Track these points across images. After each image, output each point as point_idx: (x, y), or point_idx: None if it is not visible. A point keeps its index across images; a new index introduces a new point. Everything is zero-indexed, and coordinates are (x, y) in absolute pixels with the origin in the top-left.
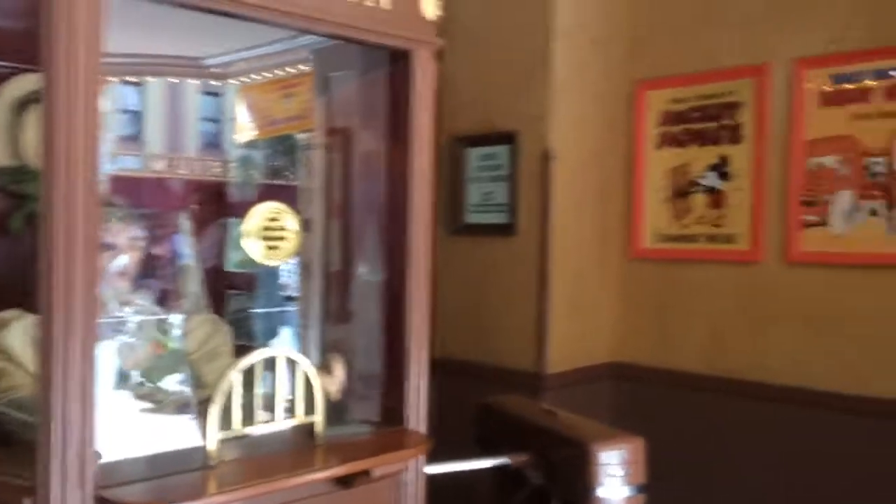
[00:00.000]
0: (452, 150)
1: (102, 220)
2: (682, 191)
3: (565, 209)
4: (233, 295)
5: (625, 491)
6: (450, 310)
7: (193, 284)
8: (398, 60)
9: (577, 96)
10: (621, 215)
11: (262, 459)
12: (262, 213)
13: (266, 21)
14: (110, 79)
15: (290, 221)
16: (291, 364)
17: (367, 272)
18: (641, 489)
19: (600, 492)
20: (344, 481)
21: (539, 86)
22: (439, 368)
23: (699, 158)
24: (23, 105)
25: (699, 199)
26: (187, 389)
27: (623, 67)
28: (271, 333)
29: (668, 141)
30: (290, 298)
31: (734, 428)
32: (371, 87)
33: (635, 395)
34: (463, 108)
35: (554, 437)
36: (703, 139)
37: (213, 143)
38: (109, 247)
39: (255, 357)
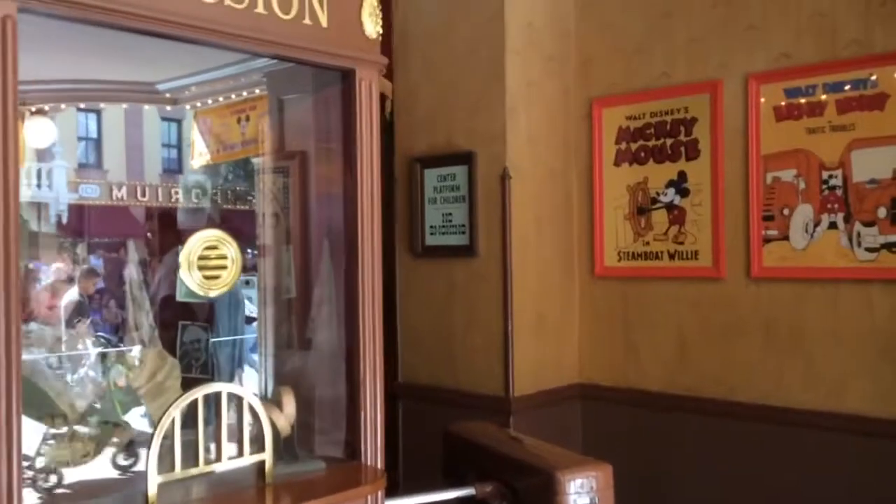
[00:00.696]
0: (410, 171)
1: (53, 250)
2: (642, 207)
3: (525, 229)
4: (185, 325)
5: None
6: (414, 334)
7: (142, 315)
8: (345, 80)
9: (532, 115)
10: (583, 233)
11: (208, 503)
12: (198, 241)
13: (203, 42)
14: (62, 105)
15: (229, 249)
16: (237, 399)
17: (322, 300)
18: None
19: None
20: None
21: (494, 105)
22: (405, 394)
23: (658, 174)
24: None
25: (660, 216)
26: (146, 424)
27: (577, 85)
28: (236, 364)
29: (626, 158)
30: (249, 323)
31: (700, 446)
32: (322, 108)
33: (604, 416)
34: (419, 129)
35: (520, 465)
36: (660, 155)
37: (174, 170)
38: (48, 280)
39: (196, 394)
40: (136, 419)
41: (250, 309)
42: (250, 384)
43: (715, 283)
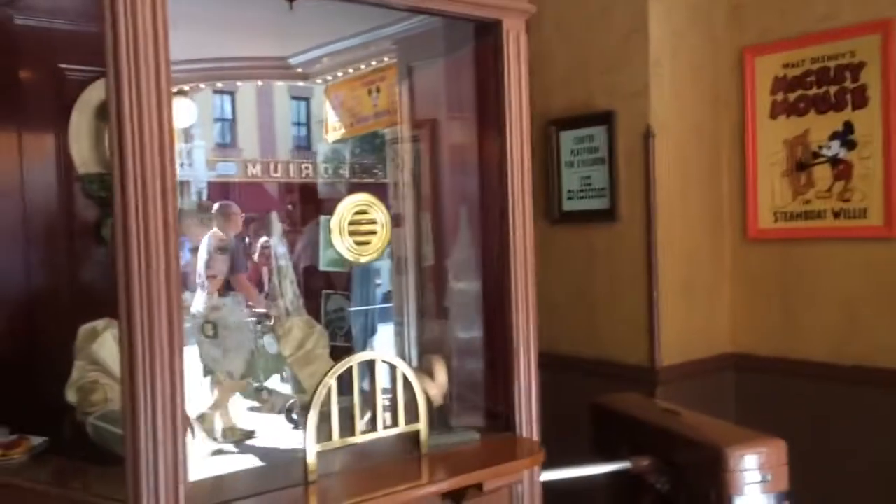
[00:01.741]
0: (545, 134)
1: (196, 223)
2: (802, 163)
3: (670, 190)
4: (328, 294)
5: (766, 499)
6: (553, 302)
7: (287, 285)
8: (484, 36)
9: (677, 67)
10: (734, 193)
11: (364, 472)
12: (349, 206)
13: None
14: (200, 85)
15: (378, 214)
16: (391, 368)
17: (462, 268)
18: (785, 497)
19: (738, 501)
20: (454, 495)
21: (636, 59)
22: (545, 364)
23: (820, 126)
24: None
25: (823, 171)
26: (290, 392)
27: (727, 34)
28: (368, 333)
29: (784, 109)
30: (385, 296)
31: (872, 421)
32: (457, 70)
33: (759, 388)
34: (555, 89)
35: (680, 439)
36: (823, 105)
37: (304, 146)
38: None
39: (351, 361)
40: (278, 385)
41: (383, 279)
42: (388, 353)
43: (888, 243)
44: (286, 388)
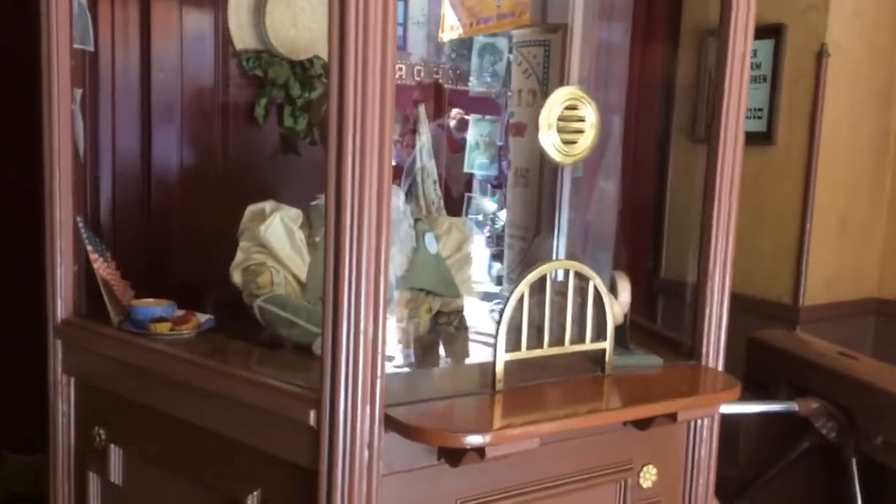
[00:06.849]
0: (699, 45)
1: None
2: None
3: (838, 116)
4: (470, 198)
5: None
6: (684, 228)
7: (430, 184)
8: None
9: None
10: None
11: (550, 389)
12: (558, 99)
13: None
14: None
15: (588, 111)
16: (580, 280)
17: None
18: None
19: None
20: (640, 421)
21: None
22: (666, 291)
23: None
24: None
25: None
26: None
27: None
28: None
29: None
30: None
31: None
32: None
33: None
34: None
35: (860, 385)
36: None
37: (399, 47)
38: None
39: (544, 270)
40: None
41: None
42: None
43: None
44: None
